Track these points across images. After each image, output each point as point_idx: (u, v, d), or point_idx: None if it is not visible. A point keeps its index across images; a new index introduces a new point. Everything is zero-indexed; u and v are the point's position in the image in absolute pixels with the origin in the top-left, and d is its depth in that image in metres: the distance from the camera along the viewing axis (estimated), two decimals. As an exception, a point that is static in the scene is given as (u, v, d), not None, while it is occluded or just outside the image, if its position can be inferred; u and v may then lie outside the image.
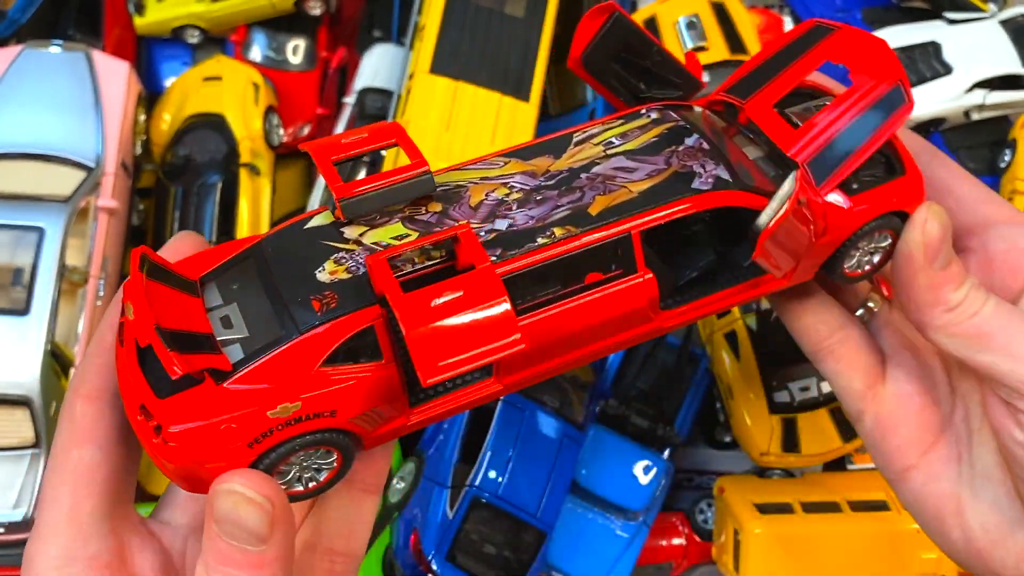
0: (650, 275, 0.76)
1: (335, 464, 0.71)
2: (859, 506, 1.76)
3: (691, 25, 1.89)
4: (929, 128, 1.95)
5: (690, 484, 2.03)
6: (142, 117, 1.93)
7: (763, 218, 0.75)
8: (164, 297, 0.67)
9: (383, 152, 1.77)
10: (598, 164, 0.78)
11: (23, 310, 1.55)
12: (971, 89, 1.90)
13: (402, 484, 1.75)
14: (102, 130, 1.77)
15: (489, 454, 1.67)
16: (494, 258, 0.70)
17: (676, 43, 1.88)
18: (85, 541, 0.67)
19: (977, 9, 2.02)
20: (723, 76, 1.96)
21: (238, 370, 0.66)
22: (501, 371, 0.74)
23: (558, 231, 0.72)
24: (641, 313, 0.77)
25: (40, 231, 1.59)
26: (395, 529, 1.73)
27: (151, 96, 2.03)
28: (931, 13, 2.04)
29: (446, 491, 1.67)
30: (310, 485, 0.72)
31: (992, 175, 1.93)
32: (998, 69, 1.91)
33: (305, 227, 0.73)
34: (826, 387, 1.78)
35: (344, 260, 0.70)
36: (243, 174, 1.87)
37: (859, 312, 0.91)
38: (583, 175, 0.77)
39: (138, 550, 0.71)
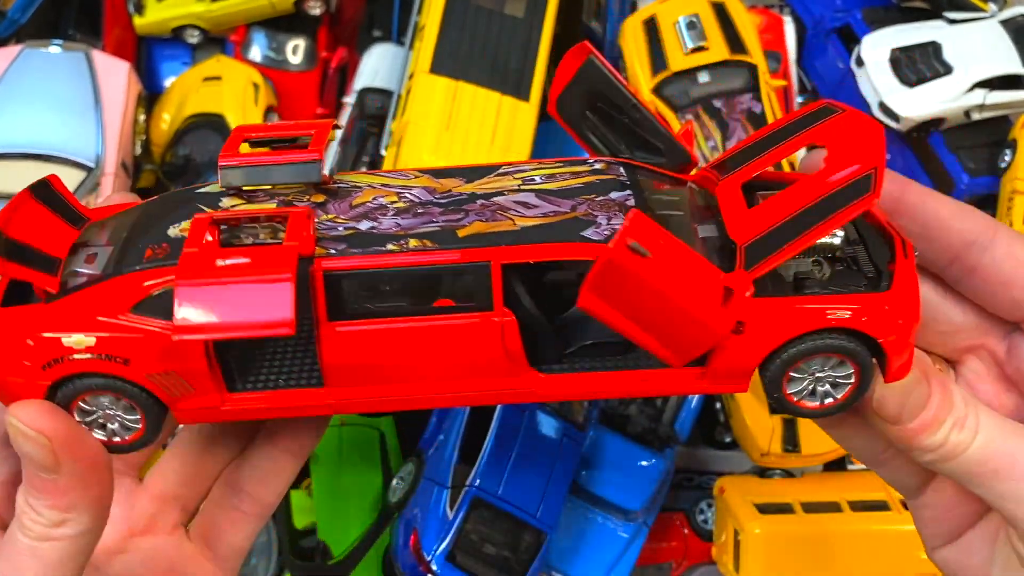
0: (510, 318, 0.69)
1: (139, 425, 0.71)
2: (859, 506, 1.76)
3: (691, 25, 1.89)
4: (929, 128, 1.95)
5: (690, 484, 2.03)
6: (142, 117, 1.93)
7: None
8: (37, 216, 0.70)
9: (383, 151, 1.77)
10: (503, 195, 0.73)
11: (23, 310, 1.55)
12: (971, 89, 1.90)
13: (401, 484, 1.75)
14: (102, 130, 1.77)
15: (489, 454, 1.67)
16: (333, 251, 0.67)
17: (676, 43, 1.88)
18: None
19: (977, 9, 2.02)
20: (723, 76, 1.96)
21: (61, 296, 0.68)
22: (331, 382, 0.70)
23: (413, 243, 0.68)
24: (499, 364, 0.70)
25: (40, 231, 1.59)
26: (395, 529, 1.73)
27: (151, 96, 2.03)
28: (931, 13, 2.03)
29: (446, 491, 1.66)
30: (116, 439, 0.71)
31: (992, 175, 1.93)
32: (998, 69, 1.90)
33: (197, 191, 0.74)
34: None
35: (195, 224, 0.69)
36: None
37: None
38: (479, 201, 0.72)
39: None
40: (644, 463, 1.80)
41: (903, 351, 0.70)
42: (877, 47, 1.95)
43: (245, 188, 0.72)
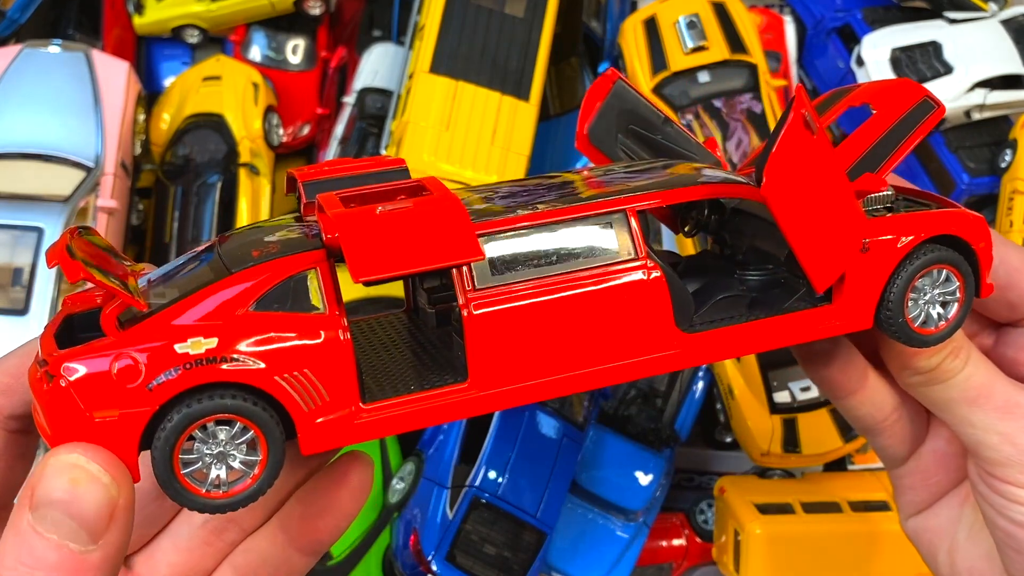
0: (655, 266, 0.67)
1: (257, 468, 0.59)
2: (859, 506, 1.76)
3: (691, 25, 1.88)
4: (929, 128, 1.95)
5: (690, 484, 2.03)
6: (142, 117, 1.92)
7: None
8: (91, 248, 0.62)
9: (383, 151, 1.77)
10: (597, 177, 0.75)
11: (22, 310, 1.55)
12: (972, 89, 1.90)
13: (401, 484, 1.75)
14: (102, 130, 1.77)
15: (489, 454, 1.67)
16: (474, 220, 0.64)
17: (676, 43, 1.88)
18: None
19: (978, 9, 2.02)
20: (724, 76, 1.96)
21: (152, 313, 0.58)
22: (477, 370, 0.64)
23: (542, 206, 0.67)
24: (649, 324, 0.67)
25: (39, 231, 1.59)
26: (395, 529, 1.73)
27: (151, 96, 2.03)
28: (932, 13, 2.03)
29: (446, 491, 1.66)
30: (221, 491, 0.58)
31: (992, 175, 1.92)
32: (999, 69, 1.90)
33: (266, 224, 0.70)
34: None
35: (297, 229, 0.66)
36: (243, 174, 1.87)
37: None
38: (575, 183, 0.73)
39: None
40: (644, 463, 1.79)
41: (989, 262, 0.76)
42: (877, 47, 1.95)
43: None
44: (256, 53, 2.13)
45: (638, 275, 0.67)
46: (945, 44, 1.94)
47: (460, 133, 1.70)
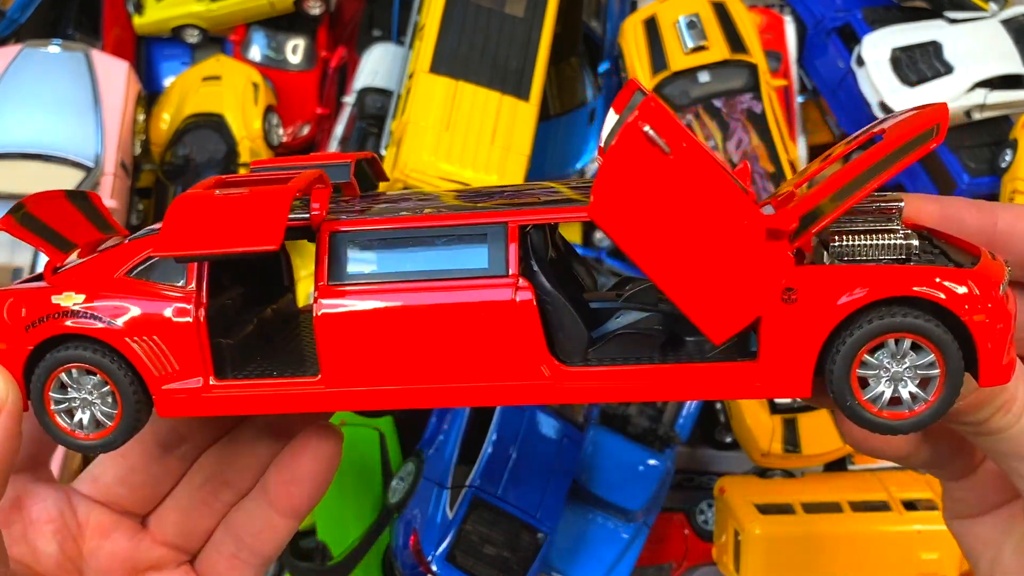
0: (526, 287, 0.62)
1: (112, 421, 0.67)
2: (860, 506, 1.76)
3: (691, 25, 1.88)
4: (930, 128, 1.95)
5: (690, 484, 2.03)
6: (141, 117, 1.92)
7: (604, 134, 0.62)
8: (63, 210, 0.71)
9: (383, 151, 1.77)
10: (534, 189, 0.72)
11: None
12: (972, 89, 1.90)
13: (401, 484, 1.75)
14: (101, 130, 1.76)
15: (489, 454, 1.67)
16: (343, 217, 0.66)
17: (676, 43, 1.88)
18: None
19: (978, 8, 2.01)
20: (724, 76, 1.96)
21: (67, 267, 0.69)
22: (328, 367, 0.65)
23: (427, 210, 0.66)
24: (516, 347, 0.62)
25: (39, 231, 1.59)
26: (395, 530, 1.72)
27: (150, 96, 2.03)
28: (932, 13, 2.03)
29: (446, 491, 1.66)
30: (81, 433, 0.67)
31: (993, 175, 1.92)
32: (999, 69, 1.90)
33: None
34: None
35: None
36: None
37: None
38: (507, 193, 0.72)
39: (39, 499, 0.76)
40: (644, 463, 1.79)
41: (998, 342, 0.60)
42: (878, 47, 1.95)
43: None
44: (256, 53, 2.13)
45: (504, 294, 0.62)
46: (945, 44, 1.94)
47: (460, 133, 1.70)
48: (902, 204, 0.67)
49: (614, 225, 0.58)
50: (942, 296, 0.59)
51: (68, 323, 0.66)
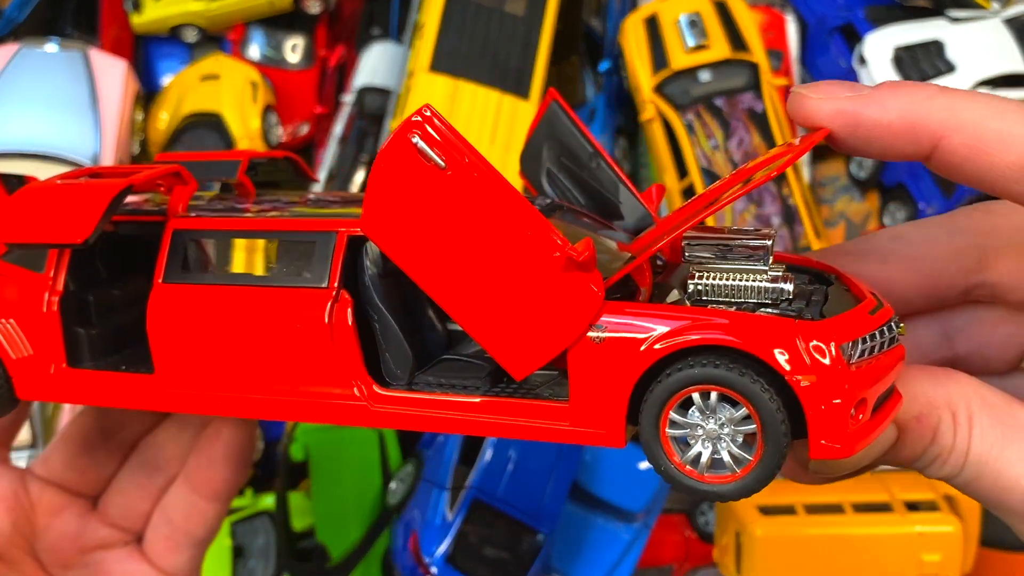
0: (344, 298, 0.60)
1: None
2: (862, 508, 1.75)
3: (692, 23, 1.88)
4: (932, 127, 1.94)
5: (691, 485, 2.02)
6: (139, 116, 1.92)
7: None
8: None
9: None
10: None
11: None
12: (974, 88, 1.89)
13: (400, 485, 1.74)
14: (99, 129, 1.76)
15: (489, 455, 1.66)
16: (192, 215, 0.66)
17: (677, 41, 1.87)
18: None
19: (980, 7, 2.01)
20: (725, 75, 1.95)
21: None
22: (160, 365, 0.65)
23: (272, 214, 0.66)
24: (332, 361, 0.60)
25: (36, 231, 1.59)
26: (394, 531, 1.72)
27: (149, 95, 2.02)
28: (934, 11, 2.02)
29: (445, 493, 1.65)
30: None
31: (995, 174, 1.92)
32: (1001, 68, 1.89)
33: None
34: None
35: None
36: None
37: None
38: (360, 201, 0.69)
39: None
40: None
41: (833, 408, 0.51)
42: (880, 45, 1.94)
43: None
44: (255, 52, 2.12)
45: (318, 307, 0.60)
46: (947, 43, 1.93)
47: (460, 132, 1.69)
48: (770, 243, 0.59)
49: (388, 242, 0.54)
50: (759, 350, 0.51)
51: None
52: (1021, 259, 0.68)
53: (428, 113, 0.54)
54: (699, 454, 0.54)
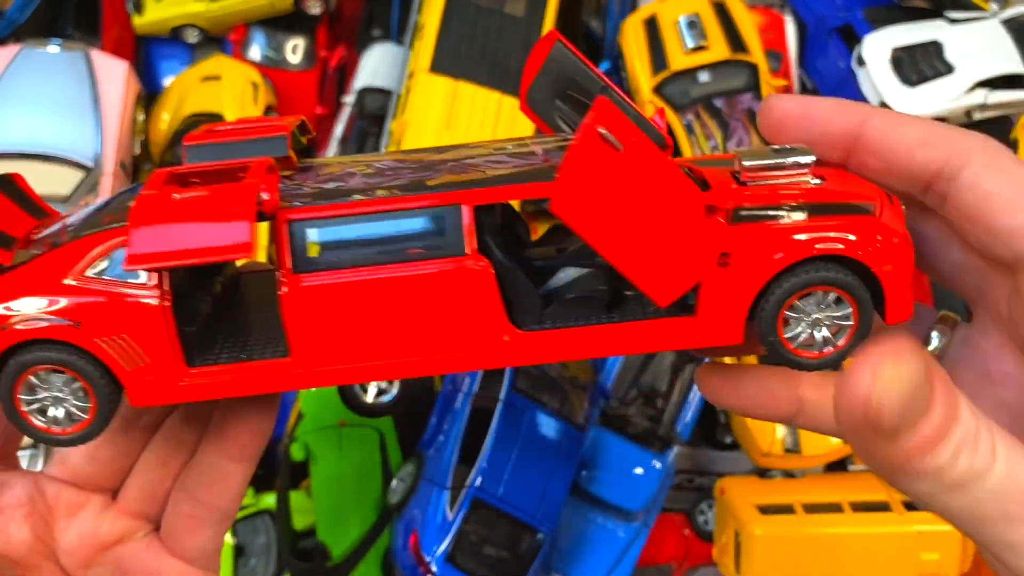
0: (484, 263, 0.66)
1: (87, 415, 0.67)
2: (860, 507, 1.76)
3: (692, 24, 1.88)
4: (930, 128, 1.95)
5: (691, 485, 2.02)
6: (141, 117, 1.92)
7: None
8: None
9: (383, 151, 1.77)
10: (474, 159, 0.72)
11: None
12: (972, 89, 1.90)
13: (401, 485, 1.75)
14: (101, 130, 1.76)
15: (489, 455, 1.67)
16: (297, 204, 0.66)
17: (677, 42, 1.88)
18: None
19: (979, 8, 2.01)
20: (724, 75, 1.96)
21: (14, 267, 0.66)
22: (297, 349, 0.67)
23: (381, 192, 0.67)
24: (477, 319, 0.67)
25: (38, 231, 1.59)
26: (394, 530, 1.72)
27: (150, 96, 2.02)
28: (933, 12, 2.03)
29: (446, 492, 1.66)
30: (57, 428, 0.68)
31: (994, 175, 1.92)
32: (1000, 68, 1.90)
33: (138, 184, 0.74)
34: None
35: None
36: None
37: (931, 347, 0.70)
38: (450, 163, 0.71)
39: (8, 488, 0.77)
40: (644, 464, 1.79)
41: (902, 286, 0.65)
42: (878, 46, 1.95)
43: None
44: (255, 52, 2.13)
45: (464, 272, 0.66)
46: (946, 44, 1.94)
47: (460, 133, 1.70)
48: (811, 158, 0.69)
49: (574, 217, 0.63)
50: (858, 251, 0.65)
51: (28, 328, 0.65)
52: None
53: (606, 105, 0.62)
54: (799, 334, 0.66)
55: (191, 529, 0.82)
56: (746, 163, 0.68)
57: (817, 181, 0.68)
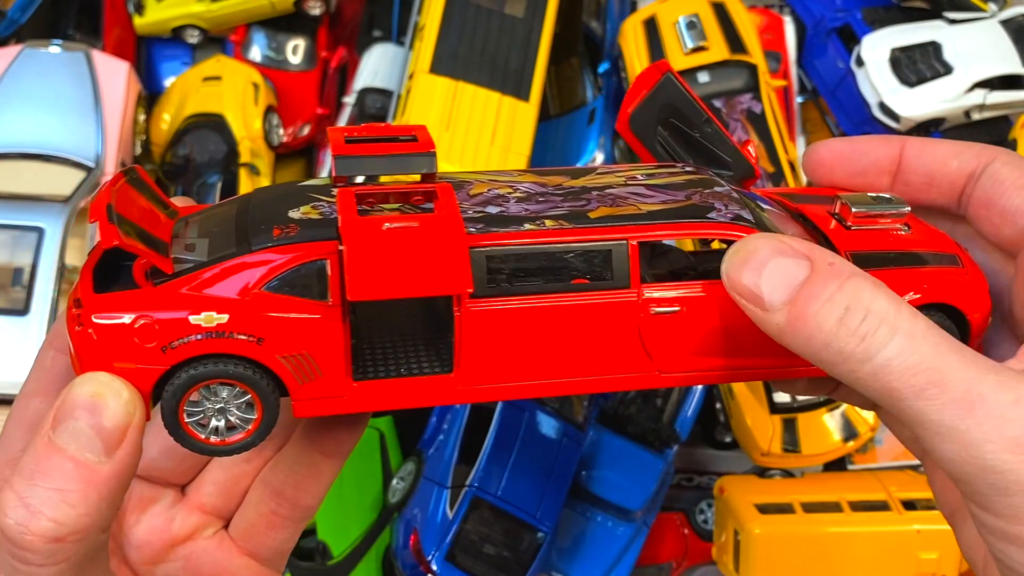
0: (645, 294, 0.70)
1: (251, 425, 0.67)
2: (859, 506, 1.76)
3: (691, 25, 1.88)
4: (929, 128, 1.95)
5: (690, 484, 2.03)
6: (142, 117, 1.92)
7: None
8: (135, 201, 0.67)
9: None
10: (614, 188, 0.75)
11: (23, 310, 1.55)
12: (971, 89, 1.90)
13: (401, 484, 1.75)
14: (102, 130, 1.77)
15: (489, 454, 1.67)
16: (472, 230, 0.67)
17: (676, 43, 1.88)
18: None
19: (977, 9, 2.02)
20: (723, 76, 1.96)
21: (177, 276, 0.65)
22: (464, 367, 0.69)
23: (549, 223, 0.69)
24: (635, 345, 0.71)
25: (40, 231, 1.59)
26: (395, 529, 1.73)
27: (151, 96, 2.03)
28: (931, 13, 2.03)
29: (446, 491, 1.66)
30: (215, 439, 0.67)
31: (992, 175, 1.93)
32: (998, 69, 1.90)
33: (299, 184, 0.74)
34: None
35: (321, 206, 0.69)
36: (243, 174, 1.87)
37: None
38: (594, 192, 0.74)
39: None
40: (644, 463, 1.80)
41: (984, 328, 0.71)
42: (877, 47, 1.95)
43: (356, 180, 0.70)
44: (256, 53, 2.13)
45: (630, 303, 0.71)
46: (945, 44, 1.94)
47: (460, 133, 1.70)
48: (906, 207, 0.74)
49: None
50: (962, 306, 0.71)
51: (211, 342, 0.64)
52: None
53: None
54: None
55: (271, 527, 0.80)
56: (854, 209, 0.73)
57: (907, 229, 0.73)
